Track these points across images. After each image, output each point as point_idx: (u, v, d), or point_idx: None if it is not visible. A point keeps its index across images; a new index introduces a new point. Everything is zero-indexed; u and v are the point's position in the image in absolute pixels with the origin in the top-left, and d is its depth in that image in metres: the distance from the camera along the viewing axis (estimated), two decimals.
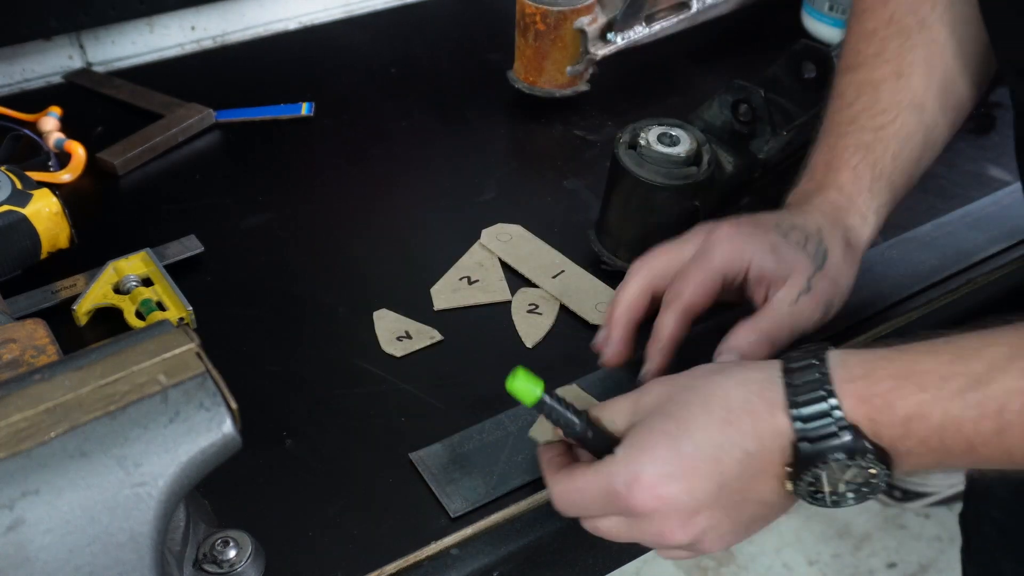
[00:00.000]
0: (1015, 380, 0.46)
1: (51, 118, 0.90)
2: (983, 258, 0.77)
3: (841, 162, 0.65)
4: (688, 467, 0.49)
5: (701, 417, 0.50)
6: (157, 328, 0.46)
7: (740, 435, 0.50)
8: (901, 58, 0.67)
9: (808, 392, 0.49)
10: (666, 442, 0.50)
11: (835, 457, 0.48)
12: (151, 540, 0.42)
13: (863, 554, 1.71)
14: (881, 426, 0.48)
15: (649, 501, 0.49)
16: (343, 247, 0.80)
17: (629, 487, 0.50)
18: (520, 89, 0.95)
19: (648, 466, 0.50)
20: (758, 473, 0.50)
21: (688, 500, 0.49)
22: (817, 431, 0.48)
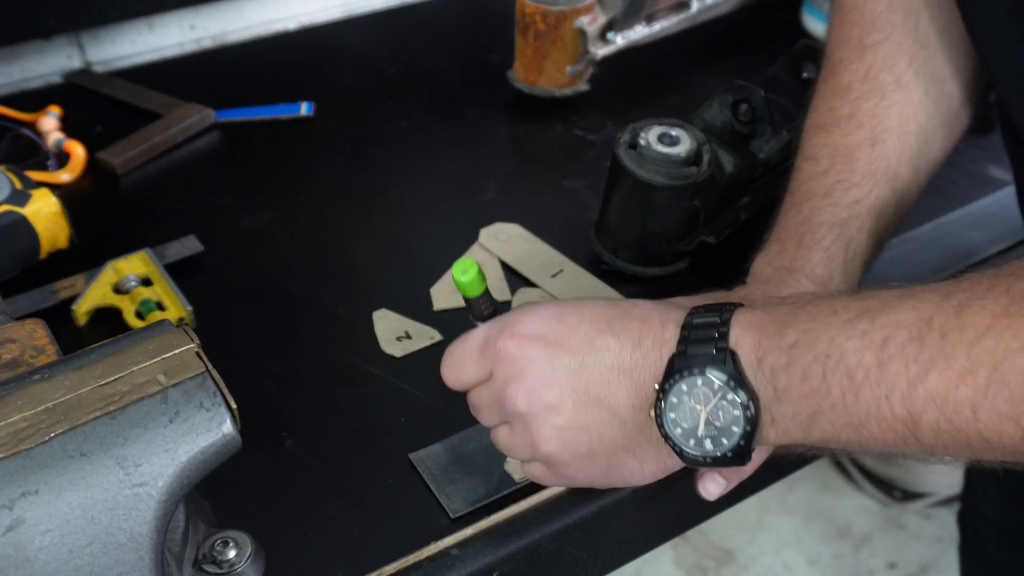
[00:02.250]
0: (904, 315, 0.44)
1: (50, 118, 0.90)
2: (983, 258, 0.77)
3: (814, 240, 0.63)
4: (560, 335, 0.50)
5: (600, 307, 0.51)
6: (157, 328, 0.46)
7: (624, 330, 0.50)
8: (876, 122, 0.65)
9: (705, 317, 0.49)
10: (553, 310, 0.52)
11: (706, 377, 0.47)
12: (151, 540, 0.42)
13: (863, 554, 1.71)
14: (767, 351, 0.47)
15: (511, 345, 0.51)
16: (343, 247, 0.80)
17: (502, 331, 0.51)
18: (520, 89, 0.95)
19: (528, 319, 0.51)
20: (622, 374, 0.49)
21: (544, 363, 0.50)
22: (697, 348, 0.48)
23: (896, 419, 0.44)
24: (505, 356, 0.51)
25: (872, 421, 0.45)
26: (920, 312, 0.44)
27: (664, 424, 0.49)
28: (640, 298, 0.55)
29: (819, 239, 0.63)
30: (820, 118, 0.68)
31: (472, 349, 0.53)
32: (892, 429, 0.45)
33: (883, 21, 0.66)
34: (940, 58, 0.66)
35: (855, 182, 0.64)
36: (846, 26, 0.68)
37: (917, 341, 0.43)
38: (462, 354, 0.54)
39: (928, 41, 0.66)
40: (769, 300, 0.51)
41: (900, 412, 0.44)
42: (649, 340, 0.49)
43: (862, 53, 0.66)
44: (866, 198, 0.64)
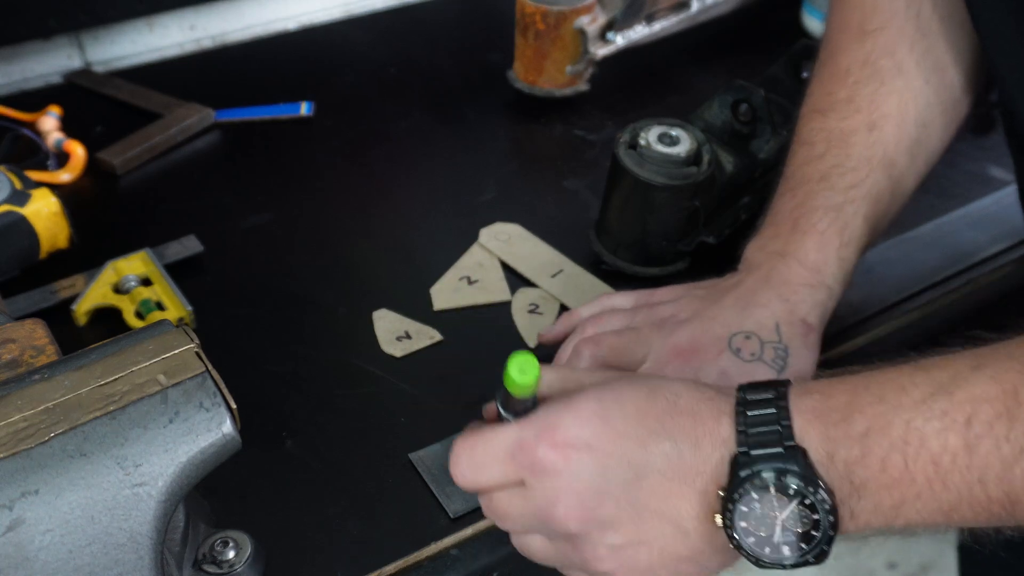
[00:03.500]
0: (983, 387, 0.41)
1: (50, 118, 0.90)
2: (983, 258, 0.77)
3: (809, 225, 0.62)
4: (610, 439, 0.44)
5: (643, 401, 0.45)
6: (157, 328, 0.46)
7: (677, 429, 0.44)
8: (874, 107, 0.64)
9: (760, 408, 0.44)
10: (595, 406, 0.45)
11: (778, 482, 0.42)
12: (151, 540, 0.42)
13: (863, 554, 1.71)
14: (838, 443, 0.43)
15: (555, 456, 0.44)
16: (343, 247, 0.80)
17: (539, 435, 0.44)
18: (520, 89, 0.95)
19: (568, 421, 0.45)
20: (683, 482, 0.44)
21: (596, 476, 0.44)
22: (761, 448, 0.43)
23: (992, 502, 0.41)
24: (548, 469, 0.44)
25: (964, 505, 0.42)
26: (1002, 384, 0.41)
27: (735, 534, 0.44)
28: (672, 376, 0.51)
29: (814, 223, 0.62)
30: (817, 102, 0.67)
31: (499, 451, 0.46)
32: (987, 511, 0.42)
33: (885, 7, 0.65)
34: (942, 46, 0.65)
35: (851, 167, 0.63)
36: (847, 11, 0.67)
37: (1005, 418, 0.40)
38: (485, 454, 0.46)
39: (930, 29, 0.65)
40: (822, 377, 0.46)
41: (996, 495, 0.41)
42: (707, 440, 0.44)
43: (862, 38, 0.65)
44: (862, 183, 0.63)
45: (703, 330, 0.60)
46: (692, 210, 0.73)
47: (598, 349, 0.60)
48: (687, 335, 0.59)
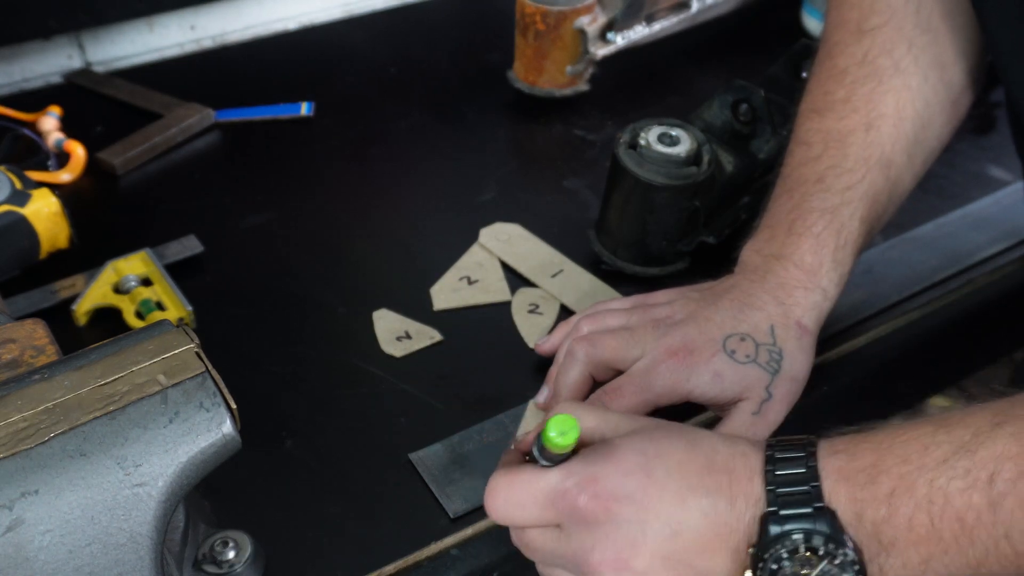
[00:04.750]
0: (1004, 445, 0.42)
1: (51, 118, 0.90)
2: (983, 258, 0.77)
3: (804, 227, 0.62)
4: (652, 494, 0.45)
5: (683, 453, 0.46)
6: (157, 328, 0.46)
7: (715, 487, 0.45)
8: (871, 107, 0.64)
9: (788, 468, 0.45)
10: (638, 459, 0.46)
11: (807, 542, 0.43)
12: (151, 540, 0.42)
13: None
14: (865, 504, 0.44)
15: (596, 507, 0.45)
16: (343, 247, 0.80)
17: (581, 486, 0.45)
18: (520, 89, 0.95)
19: (611, 473, 0.45)
20: (718, 539, 0.45)
21: (635, 528, 0.45)
22: (790, 509, 0.44)
23: (1019, 556, 0.42)
24: (588, 519, 0.45)
25: (991, 560, 0.42)
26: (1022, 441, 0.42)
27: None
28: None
29: (809, 225, 0.62)
30: (815, 102, 0.66)
31: (539, 494, 0.46)
32: (1015, 564, 0.42)
33: (883, 4, 0.65)
34: (942, 43, 0.65)
35: (848, 168, 0.63)
36: (845, 8, 0.67)
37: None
38: (524, 495, 0.47)
39: (930, 25, 0.64)
40: (846, 434, 0.47)
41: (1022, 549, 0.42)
42: (741, 499, 0.45)
43: (860, 37, 0.65)
44: (859, 184, 0.63)
45: (698, 331, 0.59)
46: (692, 210, 0.73)
47: (592, 348, 0.61)
48: (681, 335, 0.59)
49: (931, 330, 0.73)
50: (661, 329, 0.60)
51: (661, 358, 0.59)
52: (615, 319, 0.63)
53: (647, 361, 0.59)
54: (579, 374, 0.61)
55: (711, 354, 0.59)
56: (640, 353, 0.60)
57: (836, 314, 0.71)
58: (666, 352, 0.59)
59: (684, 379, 0.58)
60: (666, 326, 0.61)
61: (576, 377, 0.61)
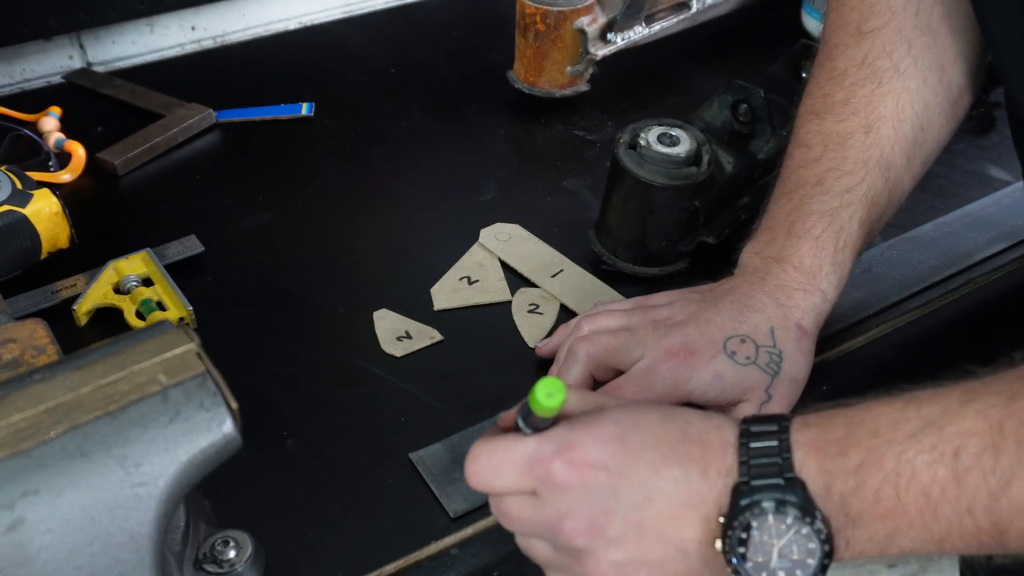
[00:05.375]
0: (971, 422, 0.43)
1: (51, 118, 0.90)
2: (983, 258, 0.77)
3: (804, 229, 0.62)
4: (626, 463, 0.46)
5: (659, 425, 0.47)
6: (157, 328, 0.46)
7: (689, 457, 0.46)
8: (870, 109, 0.64)
9: (762, 439, 0.46)
10: (614, 430, 0.46)
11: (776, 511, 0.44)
12: (151, 540, 0.42)
13: None
14: (834, 476, 0.44)
15: (570, 473, 0.45)
16: (343, 247, 0.80)
17: (557, 452, 0.46)
18: (520, 89, 0.95)
19: (586, 441, 0.46)
20: (690, 508, 0.45)
21: (608, 496, 0.45)
22: (761, 479, 0.45)
23: (981, 531, 0.42)
24: (563, 485, 0.46)
25: (955, 535, 0.43)
26: (988, 418, 0.42)
27: (733, 560, 0.45)
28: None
29: (809, 228, 0.62)
30: (814, 104, 0.67)
31: (516, 460, 0.47)
32: (976, 540, 0.43)
33: (882, 6, 0.65)
34: (941, 44, 0.65)
35: (847, 170, 0.63)
36: (844, 10, 0.67)
37: (991, 451, 0.42)
38: (503, 460, 0.47)
39: (929, 27, 0.65)
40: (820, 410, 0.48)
41: (985, 524, 0.42)
42: (713, 469, 0.46)
43: (860, 39, 0.65)
44: (858, 187, 0.63)
45: (699, 332, 0.60)
46: (692, 210, 0.73)
47: (593, 347, 0.61)
48: (682, 337, 0.59)
49: (931, 330, 0.73)
50: (662, 330, 0.60)
51: (662, 359, 0.59)
52: (615, 320, 0.63)
53: (648, 361, 0.59)
54: (580, 373, 0.61)
55: (712, 355, 0.59)
56: (641, 353, 0.60)
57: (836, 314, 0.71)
58: (667, 353, 0.59)
59: (685, 380, 0.59)
60: (667, 327, 0.61)
61: (577, 376, 0.61)
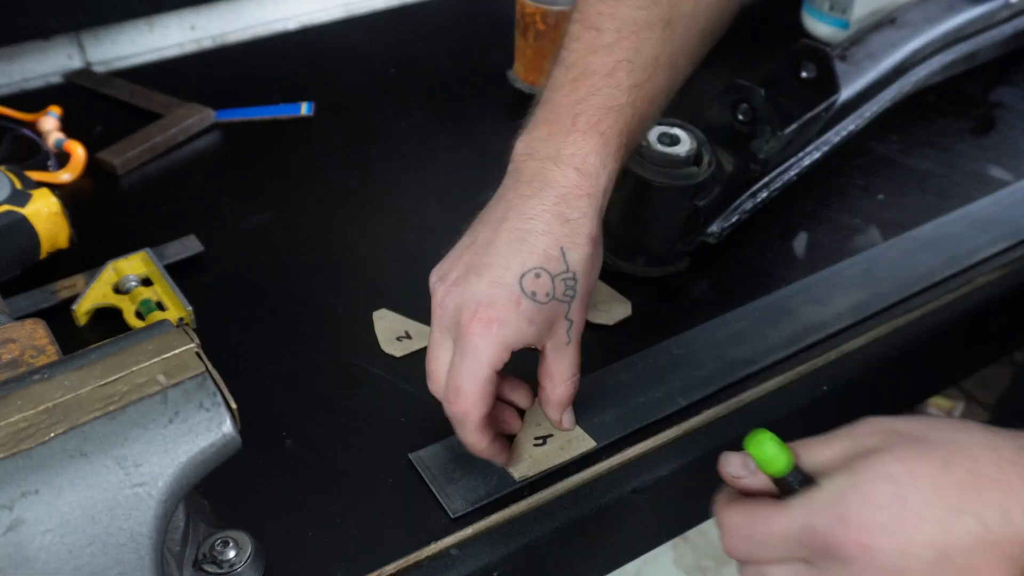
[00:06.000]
0: None
1: (51, 118, 0.90)
2: (983, 258, 0.77)
3: (589, 124, 0.57)
4: (910, 522, 0.42)
5: (939, 474, 0.42)
6: (157, 328, 0.46)
7: (983, 503, 0.41)
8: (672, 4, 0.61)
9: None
10: (888, 486, 0.42)
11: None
12: (151, 540, 0.42)
13: None
14: None
15: (852, 546, 0.42)
16: (343, 247, 0.80)
17: (831, 526, 0.42)
18: (520, 89, 0.95)
19: (862, 507, 0.42)
20: (992, 556, 0.41)
21: (898, 561, 0.42)
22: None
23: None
24: (842, 555, 0.42)
25: None
26: None
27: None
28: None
29: (595, 123, 0.57)
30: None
31: (785, 534, 0.44)
32: None
33: None
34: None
35: (640, 65, 0.59)
36: None
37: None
38: (768, 535, 0.45)
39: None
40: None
41: None
42: (1017, 511, 0.41)
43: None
44: (646, 83, 0.59)
45: (488, 283, 0.54)
46: (692, 210, 0.73)
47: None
48: (476, 297, 0.54)
49: (931, 330, 0.73)
50: (444, 291, 0.55)
51: (468, 330, 0.54)
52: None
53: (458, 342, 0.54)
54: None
55: (515, 304, 0.54)
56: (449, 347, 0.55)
57: (836, 314, 0.71)
58: (469, 321, 0.54)
59: (501, 340, 0.53)
60: (448, 287, 0.55)
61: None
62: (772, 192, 0.79)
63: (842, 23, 1.02)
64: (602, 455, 0.61)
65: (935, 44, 0.92)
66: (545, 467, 0.60)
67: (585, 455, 0.61)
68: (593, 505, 0.59)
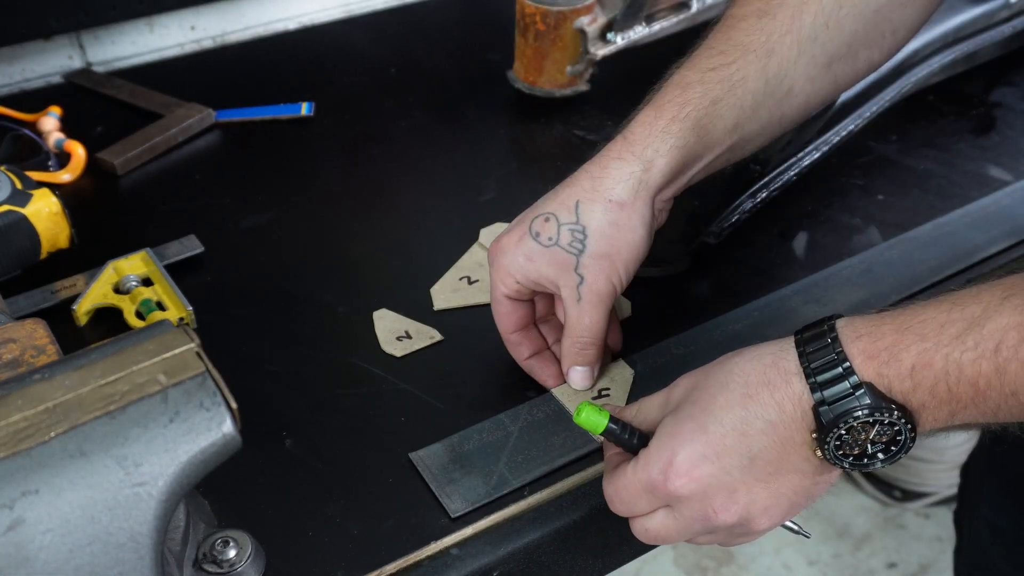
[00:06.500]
0: (1009, 316, 0.46)
1: (51, 118, 0.90)
2: (983, 258, 0.77)
3: (653, 99, 0.63)
4: (717, 445, 0.50)
5: (721, 396, 0.51)
6: (157, 328, 0.46)
7: (761, 407, 0.50)
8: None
9: (820, 357, 0.50)
10: (692, 425, 0.51)
11: (855, 416, 0.48)
12: (151, 540, 0.42)
13: (863, 554, 1.71)
14: (891, 380, 0.48)
15: (686, 484, 0.51)
16: (343, 247, 0.80)
17: (665, 473, 0.51)
18: (520, 89, 0.95)
19: (679, 450, 0.51)
20: (786, 442, 0.50)
21: (724, 477, 0.51)
22: (834, 394, 0.49)
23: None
24: (684, 495, 0.51)
25: (1003, 411, 0.48)
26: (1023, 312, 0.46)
27: (835, 460, 0.50)
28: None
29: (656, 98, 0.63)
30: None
31: (638, 491, 0.53)
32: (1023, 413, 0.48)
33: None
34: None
35: (721, 50, 0.63)
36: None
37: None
38: (629, 495, 0.53)
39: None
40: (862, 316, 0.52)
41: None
42: (788, 403, 0.50)
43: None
44: (724, 67, 0.62)
45: (516, 221, 0.63)
46: (692, 210, 0.73)
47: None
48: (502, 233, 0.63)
49: None
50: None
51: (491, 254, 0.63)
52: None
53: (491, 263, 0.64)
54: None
55: (519, 237, 0.61)
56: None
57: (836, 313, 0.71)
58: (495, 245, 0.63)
59: (504, 267, 0.62)
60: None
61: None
62: (772, 192, 0.79)
63: None
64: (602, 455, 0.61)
65: (935, 44, 0.92)
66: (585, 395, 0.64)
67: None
68: (593, 505, 0.59)
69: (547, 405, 0.65)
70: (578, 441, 0.62)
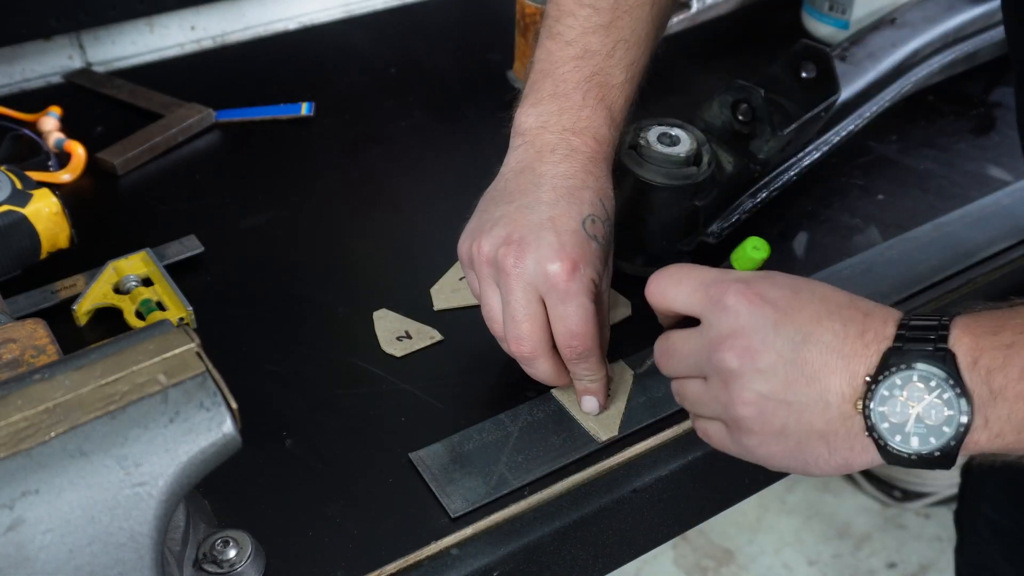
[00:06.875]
0: None
1: (51, 118, 0.90)
2: (983, 258, 0.77)
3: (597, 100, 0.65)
4: (792, 306, 0.49)
5: (829, 291, 0.50)
6: (157, 328, 0.46)
7: (851, 319, 0.49)
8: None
9: (924, 318, 0.48)
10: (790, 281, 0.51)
11: (920, 371, 0.46)
12: (151, 540, 0.42)
13: (863, 554, 1.71)
14: (983, 351, 0.46)
15: (740, 300, 0.49)
16: (343, 247, 0.80)
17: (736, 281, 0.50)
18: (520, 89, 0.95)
19: (764, 282, 0.50)
20: (842, 359, 0.48)
21: (769, 327, 0.49)
22: (914, 338, 0.47)
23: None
24: (731, 308, 0.50)
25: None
26: None
27: (871, 416, 0.47)
28: None
29: (601, 98, 0.65)
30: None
31: (696, 280, 0.52)
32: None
33: None
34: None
35: (634, 42, 0.66)
36: None
37: None
38: (683, 277, 0.53)
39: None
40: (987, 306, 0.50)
41: None
42: (871, 333, 0.48)
43: None
44: (639, 60, 0.67)
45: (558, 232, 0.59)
46: (692, 210, 0.73)
47: None
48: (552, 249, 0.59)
49: None
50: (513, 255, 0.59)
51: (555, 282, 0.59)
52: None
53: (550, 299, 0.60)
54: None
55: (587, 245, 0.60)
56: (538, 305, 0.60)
57: None
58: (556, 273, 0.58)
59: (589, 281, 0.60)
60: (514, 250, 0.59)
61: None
62: (772, 192, 0.79)
63: (842, 23, 1.02)
64: (602, 455, 0.61)
65: (935, 44, 0.92)
66: None
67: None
68: (593, 505, 0.59)
69: (547, 405, 0.65)
70: (578, 441, 0.62)
